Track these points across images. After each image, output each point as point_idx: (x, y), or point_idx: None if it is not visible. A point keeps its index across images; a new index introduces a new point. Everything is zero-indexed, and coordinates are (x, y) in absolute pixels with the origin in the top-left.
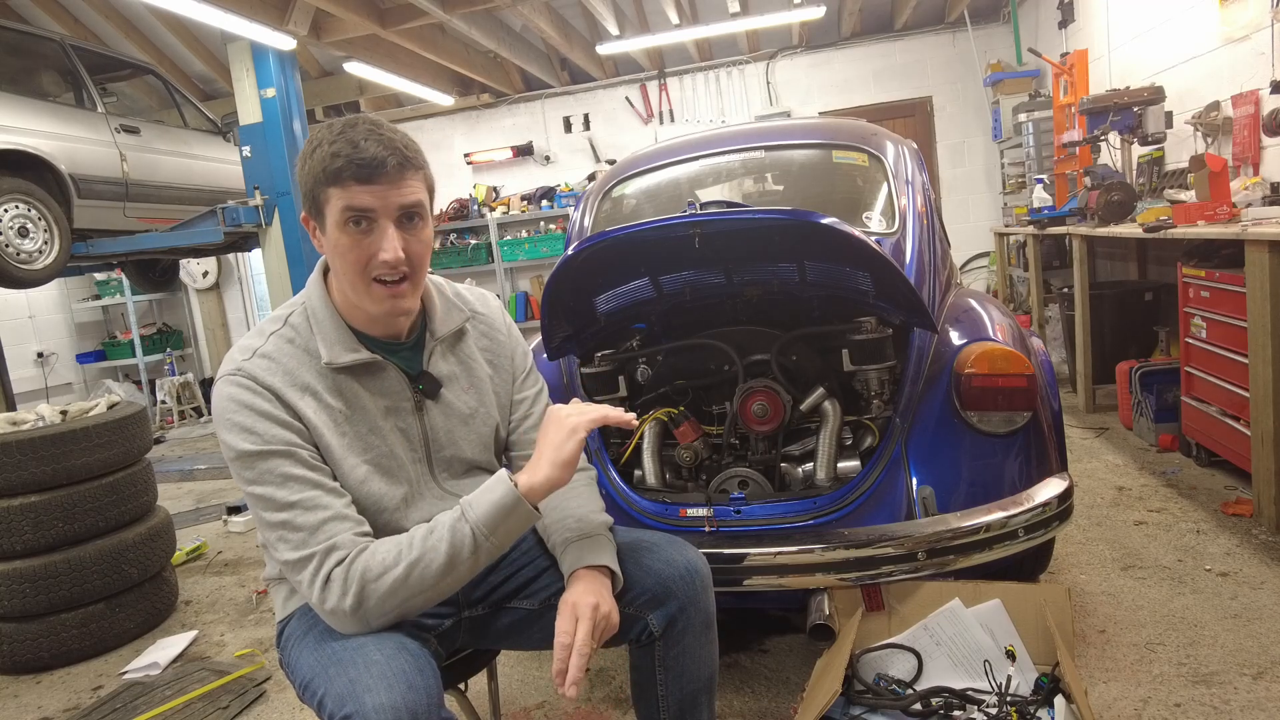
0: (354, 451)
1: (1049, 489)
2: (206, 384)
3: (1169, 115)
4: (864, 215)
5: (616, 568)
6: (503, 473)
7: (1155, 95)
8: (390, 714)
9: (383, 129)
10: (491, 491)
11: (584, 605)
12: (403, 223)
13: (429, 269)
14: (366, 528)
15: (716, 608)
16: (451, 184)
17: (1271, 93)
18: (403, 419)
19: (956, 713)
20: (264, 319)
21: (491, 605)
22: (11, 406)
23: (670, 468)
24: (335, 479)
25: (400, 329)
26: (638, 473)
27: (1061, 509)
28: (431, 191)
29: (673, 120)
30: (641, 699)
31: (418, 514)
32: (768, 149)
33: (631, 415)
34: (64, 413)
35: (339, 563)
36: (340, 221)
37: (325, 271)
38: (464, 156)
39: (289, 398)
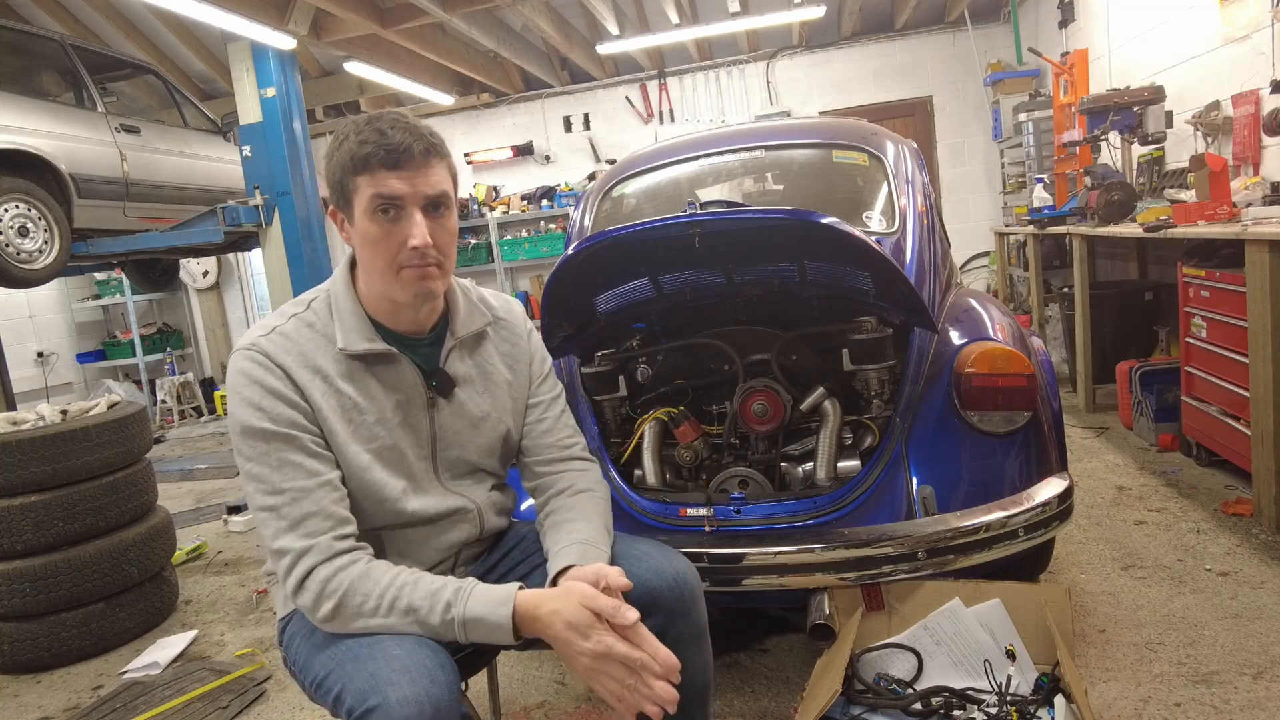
0: (358, 439)
1: (1049, 489)
2: (207, 384)
3: (1169, 115)
4: (864, 215)
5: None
6: (510, 596)
7: (1155, 95)
8: (414, 707)
9: (408, 119)
10: (494, 611)
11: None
12: (429, 211)
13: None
14: (350, 529)
15: (718, 608)
16: None
17: (1271, 92)
18: (413, 414)
19: (956, 712)
20: (288, 303)
21: None
22: (11, 406)
23: (670, 467)
24: (337, 466)
25: (424, 321)
26: (638, 472)
27: (1061, 509)
28: (455, 181)
29: (673, 120)
30: None
31: (418, 504)
32: (768, 149)
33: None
34: (64, 412)
35: (310, 571)
36: (369, 210)
37: (352, 264)
38: (464, 156)
39: (299, 377)
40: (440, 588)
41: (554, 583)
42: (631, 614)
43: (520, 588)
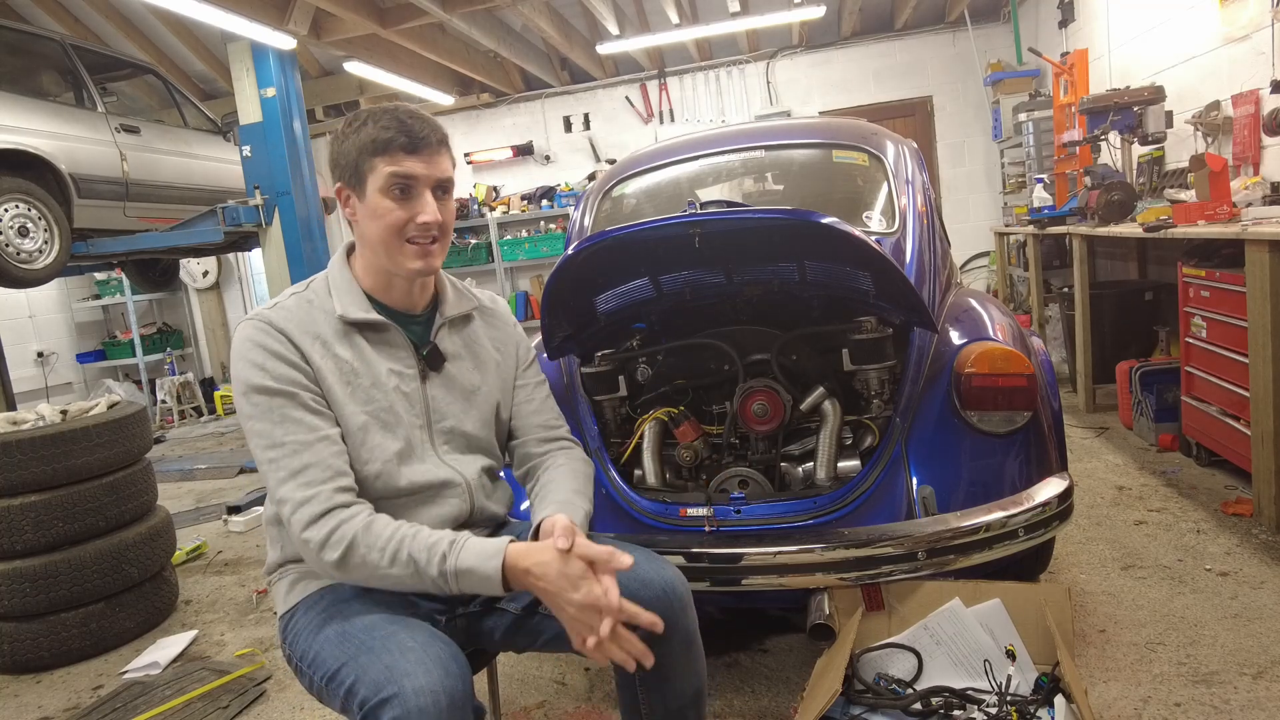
0: (355, 400)
1: (1049, 488)
2: (207, 384)
3: (1169, 115)
4: (864, 215)
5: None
6: (501, 549)
7: (1155, 95)
8: (429, 697)
9: (421, 112)
10: (484, 564)
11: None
12: (437, 193)
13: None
14: (348, 482)
15: (718, 607)
16: None
17: (1271, 92)
18: (406, 383)
19: (956, 712)
20: (291, 286)
21: (482, 603)
22: (12, 406)
23: (670, 467)
24: (336, 424)
25: (416, 298)
26: (638, 472)
27: (1061, 509)
28: (454, 170)
29: (673, 120)
30: (626, 713)
31: (410, 470)
32: (768, 149)
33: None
34: (64, 412)
35: (313, 519)
36: (385, 188)
37: (348, 251)
38: (464, 156)
39: (300, 342)
40: (437, 540)
41: (535, 535)
42: (626, 559)
43: (512, 541)
